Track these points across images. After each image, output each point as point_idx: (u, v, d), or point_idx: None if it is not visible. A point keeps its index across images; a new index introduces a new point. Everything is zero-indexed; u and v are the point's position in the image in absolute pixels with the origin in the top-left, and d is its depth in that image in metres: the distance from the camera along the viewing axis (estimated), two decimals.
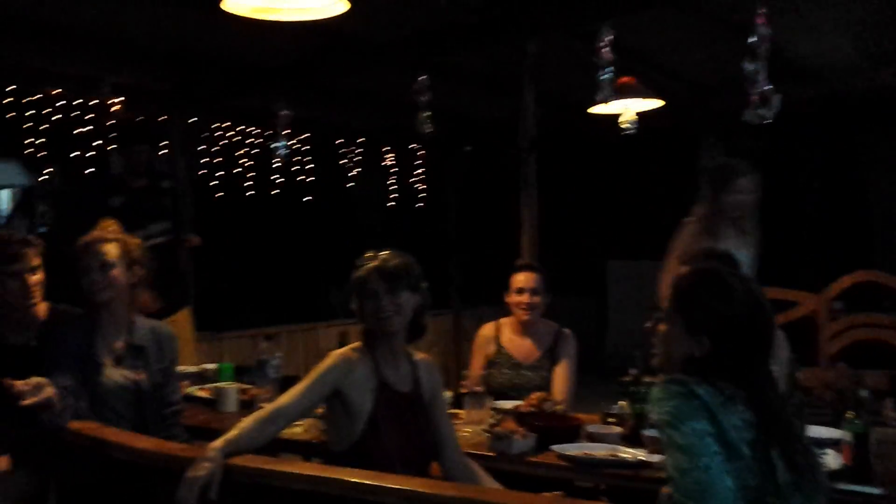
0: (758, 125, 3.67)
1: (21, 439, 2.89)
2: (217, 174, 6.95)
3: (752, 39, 3.52)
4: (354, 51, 5.16)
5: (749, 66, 3.51)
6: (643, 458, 2.73)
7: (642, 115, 4.74)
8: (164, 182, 5.29)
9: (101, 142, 6.08)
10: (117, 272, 3.05)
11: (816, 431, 2.82)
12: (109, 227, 3.15)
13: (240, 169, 6.92)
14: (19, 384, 2.66)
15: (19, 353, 3.12)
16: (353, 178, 8.28)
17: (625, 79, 4.78)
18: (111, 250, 3.05)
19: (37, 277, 3.13)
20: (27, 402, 2.64)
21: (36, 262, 3.15)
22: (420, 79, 4.63)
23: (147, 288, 3.95)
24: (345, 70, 5.46)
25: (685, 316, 1.95)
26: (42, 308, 3.20)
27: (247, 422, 2.43)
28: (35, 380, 2.69)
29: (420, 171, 8.67)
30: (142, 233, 4.78)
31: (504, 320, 4.04)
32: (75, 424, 2.72)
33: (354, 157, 8.06)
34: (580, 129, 7.48)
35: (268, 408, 2.54)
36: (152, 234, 5.02)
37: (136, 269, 3.12)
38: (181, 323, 5.11)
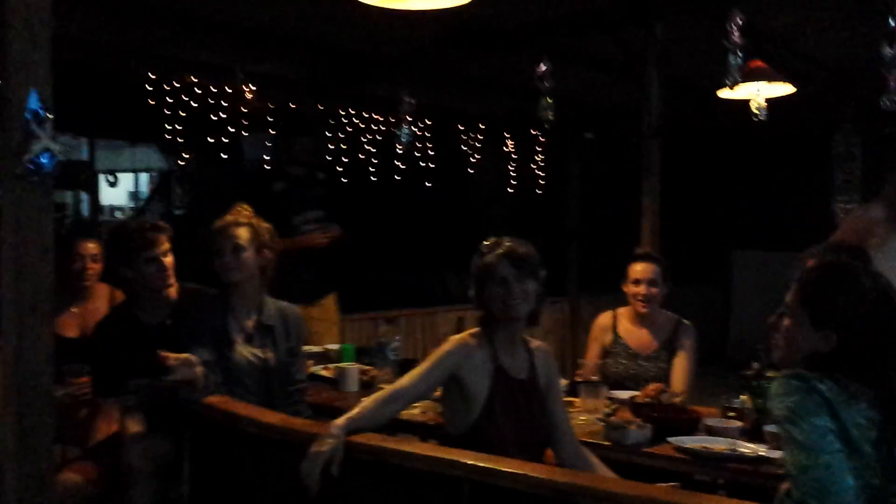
0: None
1: (158, 406, 3.08)
2: (342, 160, 7.11)
3: (893, 23, 3.34)
4: (478, 37, 5.18)
5: (888, 51, 3.34)
6: (763, 454, 2.67)
7: (773, 101, 4.58)
8: (319, 173, 5.46)
9: (238, 128, 6.32)
10: (248, 255, 3.20)
11: None
12: (242, 211, 3.30)
13: (364, 155, 7.06)
14: (172, 358, 2.82)
15: (155, 331, 3.28)
16: (473, 165, 8.32)
17: (755, 63, 4.62)
18: (243, 234, 3.20)
19: (170, 259, 3.30)
20: (174, 377, 2.80)
21: (167, 245, 3.31)
22: (542, 64, 4.61)
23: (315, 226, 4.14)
24: (468, 57, 5.49)
25: (811, 310, 1.89)
26: (174, 288, 3.37)
27: (368, 401, 2.52)
28: (185, 356, 2.86)
29: (540, 157, 8.62)
30: (298, 219, 5.02)
31: (621, 309, 4.01)
32: (210, 398, 2.88)
33: (475, 143, 8.10)
34: (706, 115, 7.28)
35: (388, 389, 2.61)
36: (307, 221, 5.22)
37: (266, 253, 3.26)
38: (329, 307, 5.31)
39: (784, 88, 4.83)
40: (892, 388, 1.82)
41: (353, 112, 6.86)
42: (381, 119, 7.07)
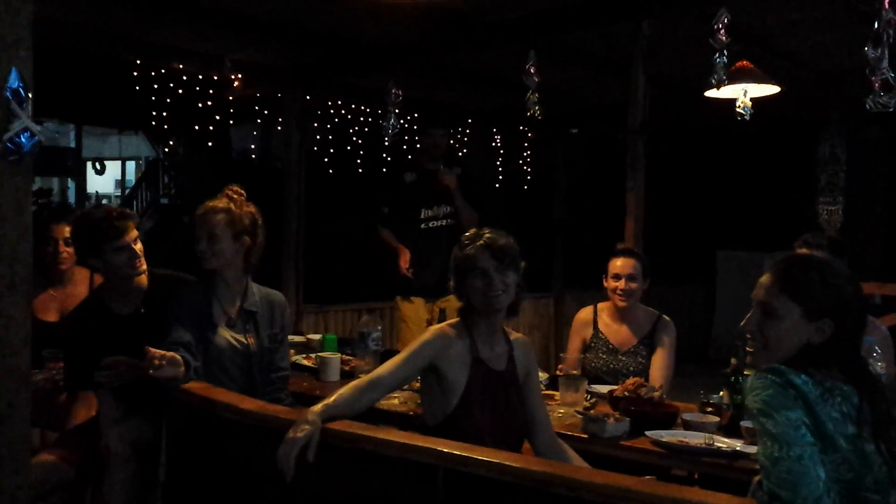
0: (882, 113, 3.50)
1: (136, 389, 3.05)
2: (329, 151, 7.11)
3: (877, 25, 3.36)
4: (467, 30, 5.17)
5: (872, 52, 3.35)
6: (739, 449, 2.69)
7: (759, 101, 4.60)
8: (453, 168, 5.39)
9: (225, 116, 6.28)
10: (224, 243, 3.16)
11: None
12: (222, 197, 3.25)
13: (350, 147, 7.06)
14: (159, 355, 2.76)
15: (128, 321, 3.25)
16: (460, 159, 8.32)
17: (742, 63, 4.64)
18: (220, 221, 3.16)
19: (140, 246, 3.22)
20: (158, 374, 2.76)
21: (135, 232, 3.23)
22: (530, 59, 4.61)
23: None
24: (457, 50, 5.48)
25: (803, 302, 1.89)
26: (145, 276, 3.29)
27: (345, 389, 2.52)
28: (171, 355, 2.82)
29: (527, 152, 8.63)
30: (428, 213, 5.00)
31: (602, 304, 4.02)
32: (188, 384, 2.86)
33: (462, 137, 8.10)
34: (692, 114, 7.30)
35: (365, 377, 2.61)
36: (438, 216, 5.19)
37: (245, 239, 3.22)
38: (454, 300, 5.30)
39: (770, 89, 4.85)
40: (869, 380, 1.84)
41: (340, 102, 6.85)
42: (369, 110, 7.06)
